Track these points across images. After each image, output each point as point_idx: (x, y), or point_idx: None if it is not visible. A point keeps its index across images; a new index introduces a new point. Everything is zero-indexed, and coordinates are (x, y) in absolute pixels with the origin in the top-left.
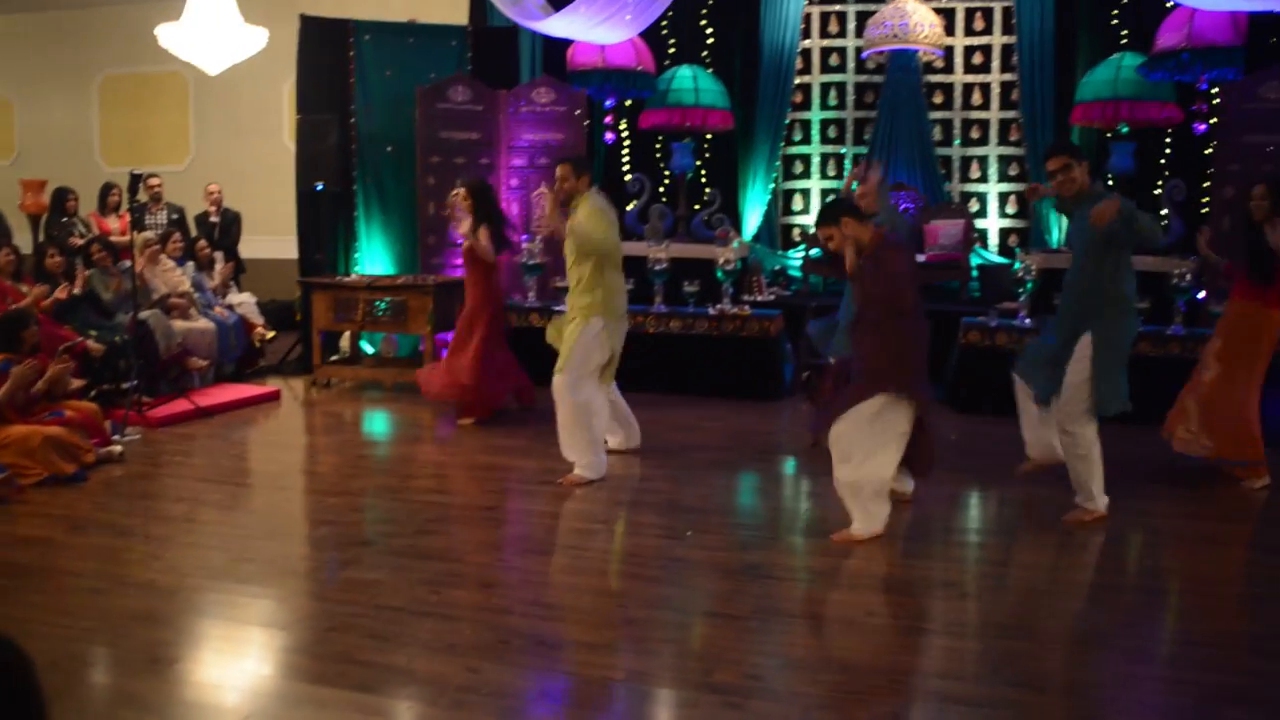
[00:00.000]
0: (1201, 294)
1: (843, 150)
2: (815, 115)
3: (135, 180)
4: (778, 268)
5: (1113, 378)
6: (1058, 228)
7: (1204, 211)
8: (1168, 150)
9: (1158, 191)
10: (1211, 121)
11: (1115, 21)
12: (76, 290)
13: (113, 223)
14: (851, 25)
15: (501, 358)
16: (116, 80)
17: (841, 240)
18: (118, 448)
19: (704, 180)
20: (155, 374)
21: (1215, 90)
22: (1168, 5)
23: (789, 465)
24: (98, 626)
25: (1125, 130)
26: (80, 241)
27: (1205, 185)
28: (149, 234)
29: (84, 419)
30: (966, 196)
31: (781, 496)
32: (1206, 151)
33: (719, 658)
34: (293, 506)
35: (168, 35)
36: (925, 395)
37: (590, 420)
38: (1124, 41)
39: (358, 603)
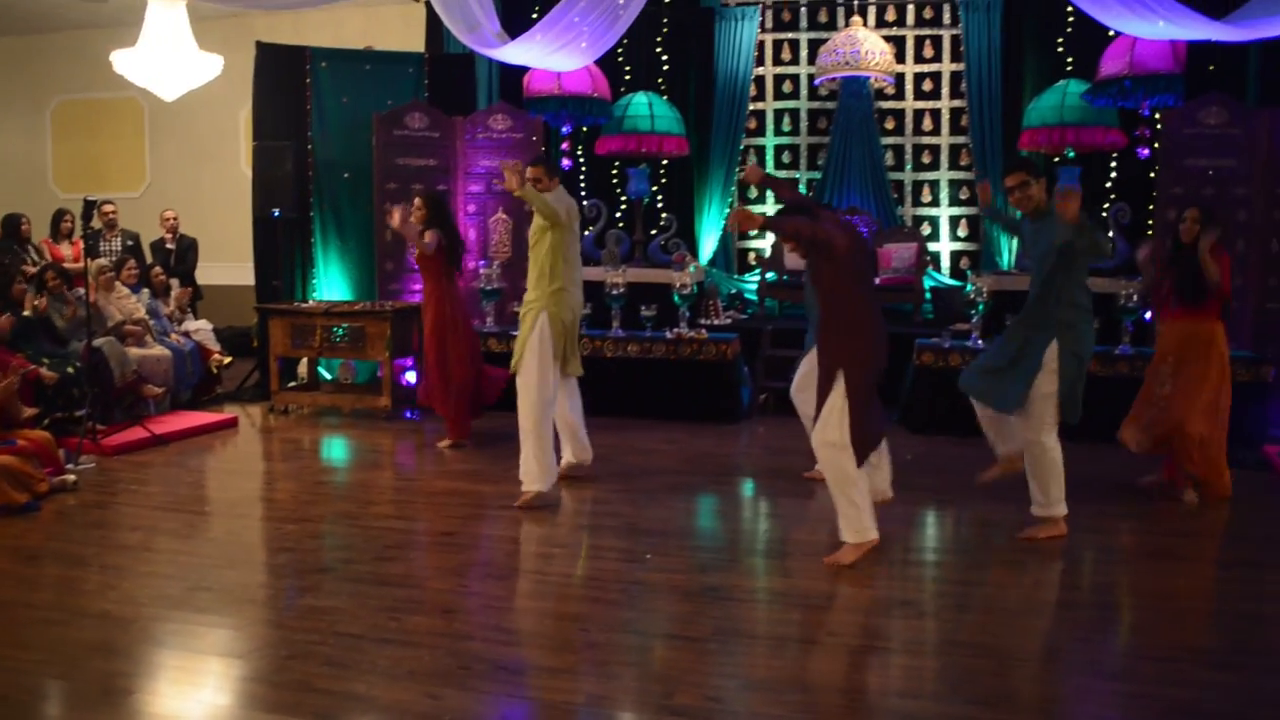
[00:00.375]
0: (1148, 314)
1: (797, 175)
2: (769, 141)
3: (89, 207)
4: (734, 291)
5: (1077, 387)
6: (1008, 250)
7: (1148, 234)
8: (1113, 174)
9: (1104, 214)
10: (1154, 146)
11: (1060, 49)
12: (27, 313)
13: (65, 249)
14: (804, 53)
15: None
16: (71, 106)
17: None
18: (71, 477)
19: (660, 205)
20: (110, 401)
21: (1157, 116)
22: (1110, 34)
23: (748, 487)
24: (51, 658)
25: (1071, 155)
26: (33, 269)
27: (1149, 208)
28: (102, 261)
29: (37, 448)
30: (919, 220)
31: (740, 518)
32: (1150, 175)
33: (680, 680)
34: (251, 534)
35: (123, 61)
36: (868, 375)
37: (547, 422)
38: (1069, 69)
39: (317, 630)
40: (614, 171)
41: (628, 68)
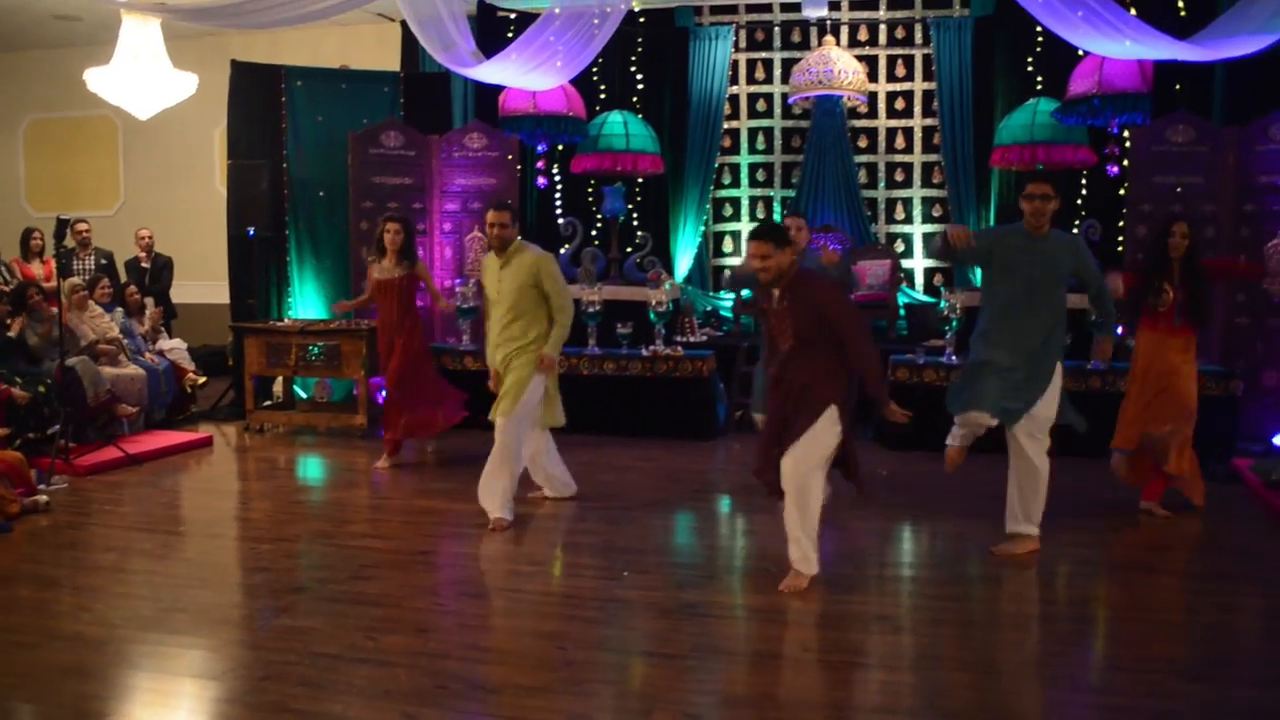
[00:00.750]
0: (1119, 329)
1: (771, 193)
2: (744, 159)
3: (62, 225)
4: (709, 309)
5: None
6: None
7: (1119, 249)
8: (1083, 191)
9: (1074, 231)
10: (1123, 164)
11: (1030, 69)
12: (12, 334)
13: (36, 268)
14: (778, 72)
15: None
16: (43, 124)
17: (776, 261)
18: (44, 497)
19: (635, 223)
20: (83, 421)
21: (1125, 134)
22: (1079, 54)
23: (724, 504)
24: (24, 682)
25: (1042, 171)
26: (5, 287)
27: (1119, 224)
28: (76, 279)
29: (8, 468)
30: (892, 237)
31: (717, 535)
32: (1120, 192)
33: (657, 697)
34: (225, 554)
35: (97, 79)
36: (851, 411)
37: (516, 464)
38: (1039, 88)
39: (292, 651)
40: (589, 190)
41: (603, 87)
